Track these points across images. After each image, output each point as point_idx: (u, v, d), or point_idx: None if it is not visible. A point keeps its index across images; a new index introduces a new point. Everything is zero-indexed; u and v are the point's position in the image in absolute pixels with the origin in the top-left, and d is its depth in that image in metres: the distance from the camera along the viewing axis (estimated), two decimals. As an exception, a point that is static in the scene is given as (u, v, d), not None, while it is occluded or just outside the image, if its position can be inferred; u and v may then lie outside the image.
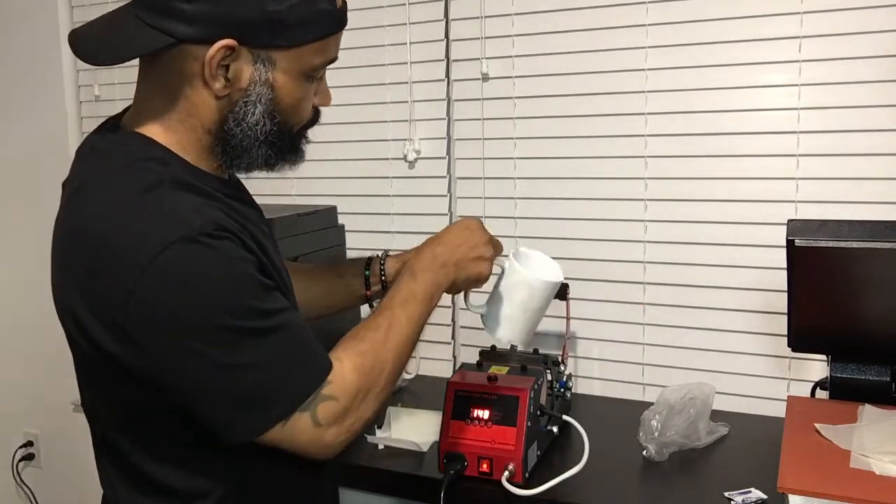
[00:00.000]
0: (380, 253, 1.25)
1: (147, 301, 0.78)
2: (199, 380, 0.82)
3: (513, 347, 1.57)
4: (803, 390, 1.47)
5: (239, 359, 0.82)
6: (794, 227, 1.20)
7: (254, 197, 1.07)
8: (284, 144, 0.93)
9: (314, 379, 0.87)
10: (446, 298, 1.79)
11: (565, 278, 1.60)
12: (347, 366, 0.90)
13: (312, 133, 2.05)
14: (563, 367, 1.49)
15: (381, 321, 0.96)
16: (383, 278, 1.22)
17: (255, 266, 0.85)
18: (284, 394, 0.85)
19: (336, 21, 0.89)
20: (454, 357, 1.85)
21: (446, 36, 1.76)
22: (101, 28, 0.86)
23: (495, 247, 1.11)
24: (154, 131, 0.88)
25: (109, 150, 0.88)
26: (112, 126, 0.92)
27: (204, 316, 0.80)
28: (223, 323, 0.81)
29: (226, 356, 0.81)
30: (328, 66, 0.93)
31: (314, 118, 0.98)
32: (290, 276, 1.02)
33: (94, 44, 0.85)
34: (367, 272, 1.24)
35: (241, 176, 1.03)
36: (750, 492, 1.19)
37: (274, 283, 0.88)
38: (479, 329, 1.79)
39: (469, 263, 1.06)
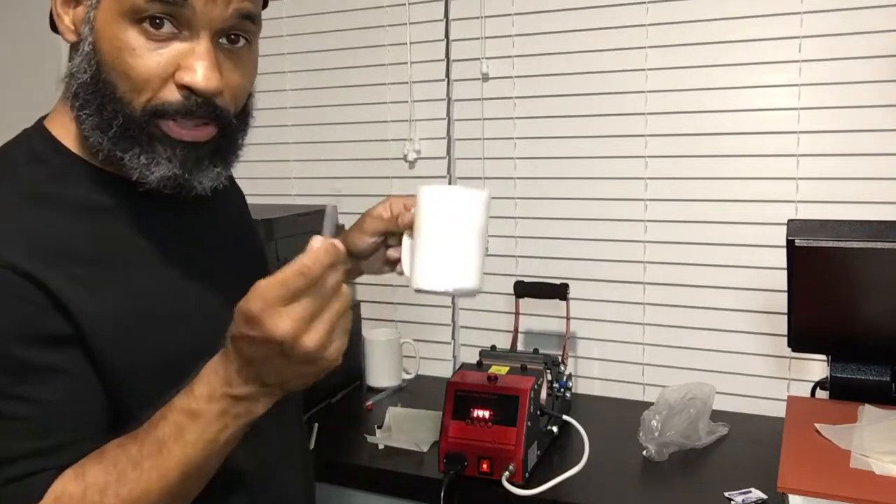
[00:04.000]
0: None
1: None
2: None
3: (513, 347, 1.58)
4: (803, 390, 1.46)
5: None
6: (794, 227, 1.19)
7: (254, 197, 1.01)
8: (115, 118, 0.73)
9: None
10: (447, 298, 1.82)
11: (565, 278, 1.61)
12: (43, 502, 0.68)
13: (312, 133, 2.03)
14: (563, 367, 1.49)
15: (121, 460, 0.69)
16: None
17: (23, 331, 0.68)
18: None
19: None
20: (454, 357, 1.84)
21: (446, 36, 1.76)
22: None
23: (320, 314, 0.67)
24: (60, 116, 0.79)
25: (6, 144, 0.80)
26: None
27: None
28: None
29: None
30: (183, 14, 0.71)
31: (187, 105, 0.73)
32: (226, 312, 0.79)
33: None
34: None
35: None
36: (750, 492, 1.19)
37: (49, 364, 0.69)
38: (479, 329, 1.80)
39: (291, 374, 0.69)
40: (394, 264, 0.99)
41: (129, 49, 0.71)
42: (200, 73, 0.72)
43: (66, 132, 0.77)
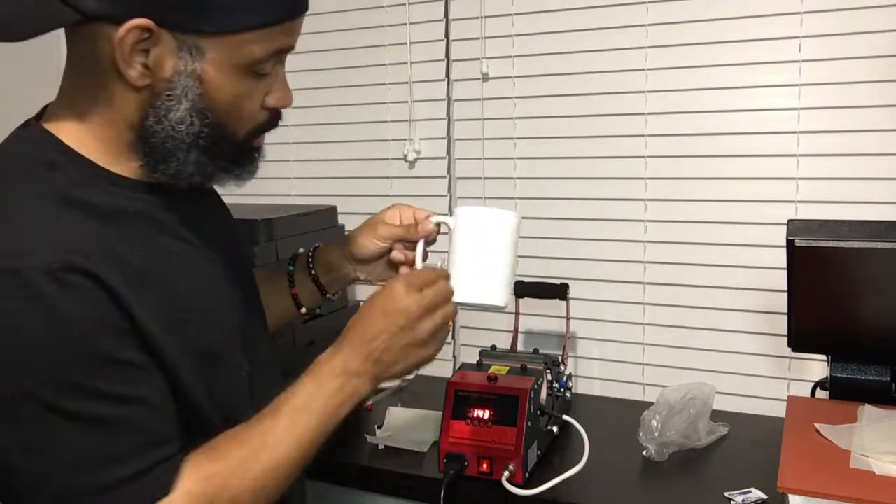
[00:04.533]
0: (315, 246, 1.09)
1: None
2: None
3: (513, 347, 1.58)
4: (803, 390, 1.46)
5: (32, 442, 0.67)
6: (794, 227, 1.19)
7: (254, 197, 1.03)
8: (223, 151, 0.78)
9: (131, 501, 0.69)
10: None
11: (565, 278, 1.61)
12: (180, 491, 0.71)
13: (313, 133, 2.04)
14: (563, 367, 1.49)
15: (255, 434, 0.77)
16: (313, 272, 1.04)
17: (111, 329, 0.70)
18: None
19: (285, 7, 0.75)
20: (454, 357, 1.85)
21: (446, 36, 1.76)
22: (6, 2, 0.72)
23: (435, 310, 0.84)
24: (67, 124, 0.77)
25: (5, 147, 0.78)
26: (30, 120, 0.81)
27: (6, 377, 0.66)
28: (25, 391, 0.66)
29: (15, 434, 0.67)
30: (284, 56, 0.80)
31: (269, 122, 0.82)
32: (241, 311, 0.89)
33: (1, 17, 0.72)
34: (291, 268, 1.06)
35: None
36: (750, 492, 1.19)
37: (136, 359, 0.71)
38: (479, 329, 1.80)
39: (399, 356, 0.83)
40: (396, 268, 1.01)
41: (246, 95, 0.77)
42: (287, 95, 0.81)
43: (74, 138, 0.77)
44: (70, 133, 0.76)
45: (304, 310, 1.06)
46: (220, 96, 0.75)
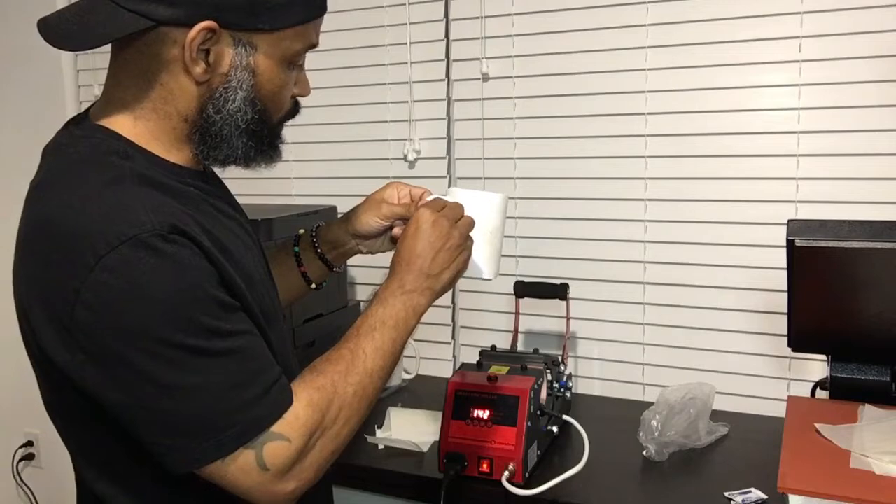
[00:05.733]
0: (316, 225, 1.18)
1: (91, 304, 0.74)
2: (136, 397, 0.76)
3: (513, 347, 1.58)
4: (803, 390, 1.47)
5: (181, 379, 0.76)
6: (794, 227, 1.20)
7: (254, 197, 1.06)
8: (264, 136, 0.89)
9: (266, 413, 0.79)
10: (447, 298, 1.81)
11: (565, 278, 1.61)
12: (301, 401, 0.82)
13: (313, 133, 2.05)
14: (563, 367, 1.49)
15: (344, 352, 0.88)
16: (319, 250, 1.14)
17: (213, 279, 0.79)
18: (228, 427, 0.77)
19: (318, 5, 0.87)
20: (454, 357, 1.85)
21: (446, 36, 1.76)
22: (72, 13, 0.81)
23: (457, 221, 0.99)
24: (121, 122, 0.84)
25: (71, 144, 0.85)
26: (78, 120, 0.89)
27: (146, 327, 0.74)
28: (166, 337, 0.74)
29: (166, 375, 0.75)
30: (308, 53, 0.91)
31: (293, 110, 0.93)
32: (270, 278, 0.99)
33: (64, 29, 0.80)
34: (296, 249, 1.15)
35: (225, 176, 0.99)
36: (750, 492, 1.19)
37: (235, 302, 0.82)
38: (479, 329, 1.80)
39: (443, 263, 0.96)
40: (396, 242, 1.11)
41: (285, 85, 0.88)
42: (308, 86, 0.93)
43: (131, 132, 0.84)
44: (126, 128, 0.84)
45: (313, 285, 1.16)
46: (267, 86, 0.86)
